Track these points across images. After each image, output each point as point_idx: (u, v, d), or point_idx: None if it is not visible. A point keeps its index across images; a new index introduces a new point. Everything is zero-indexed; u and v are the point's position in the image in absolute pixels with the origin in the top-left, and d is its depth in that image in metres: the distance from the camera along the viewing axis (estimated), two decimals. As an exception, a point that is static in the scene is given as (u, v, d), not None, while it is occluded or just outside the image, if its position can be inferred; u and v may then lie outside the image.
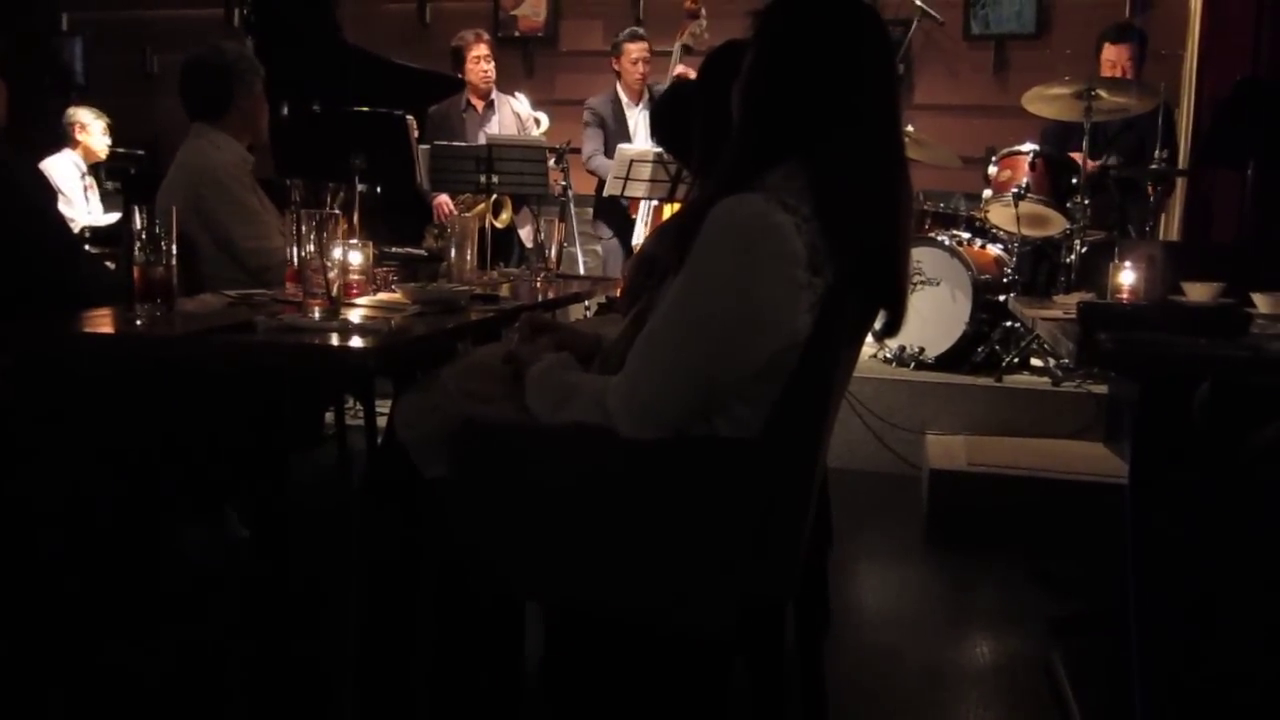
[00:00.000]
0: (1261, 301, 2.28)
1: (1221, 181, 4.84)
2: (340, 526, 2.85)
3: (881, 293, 1.49)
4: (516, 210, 5.15)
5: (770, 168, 1.44)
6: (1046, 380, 4.14)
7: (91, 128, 5.61)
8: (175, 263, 1.83)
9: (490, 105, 5.25)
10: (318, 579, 2.42)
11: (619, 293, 2.56)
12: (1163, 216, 5.19)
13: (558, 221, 3.05)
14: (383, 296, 2.28)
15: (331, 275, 1.86)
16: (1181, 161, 4.91)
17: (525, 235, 5.18)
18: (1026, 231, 4.37)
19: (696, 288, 1.39)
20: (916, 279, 4.23)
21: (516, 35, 6.50)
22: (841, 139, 1.43)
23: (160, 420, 2.11)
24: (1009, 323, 4.26)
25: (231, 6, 6.40)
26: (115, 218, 5.16)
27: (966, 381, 4.14)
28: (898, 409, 4.08)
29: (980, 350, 4.32)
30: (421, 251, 3.18)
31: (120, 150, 5.82)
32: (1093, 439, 3.76)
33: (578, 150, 5.24)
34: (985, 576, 3.04)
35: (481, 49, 5.18)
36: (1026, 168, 4.40)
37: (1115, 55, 4.64)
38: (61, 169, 5.43)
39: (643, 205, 4.85)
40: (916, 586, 3.06)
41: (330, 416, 3.52)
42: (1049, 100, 4.33)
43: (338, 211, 2.17)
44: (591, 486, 1.45)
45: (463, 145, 4.64)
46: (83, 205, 5.51)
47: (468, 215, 4.49)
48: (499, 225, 4.92)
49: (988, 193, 4.57)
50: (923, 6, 5.33)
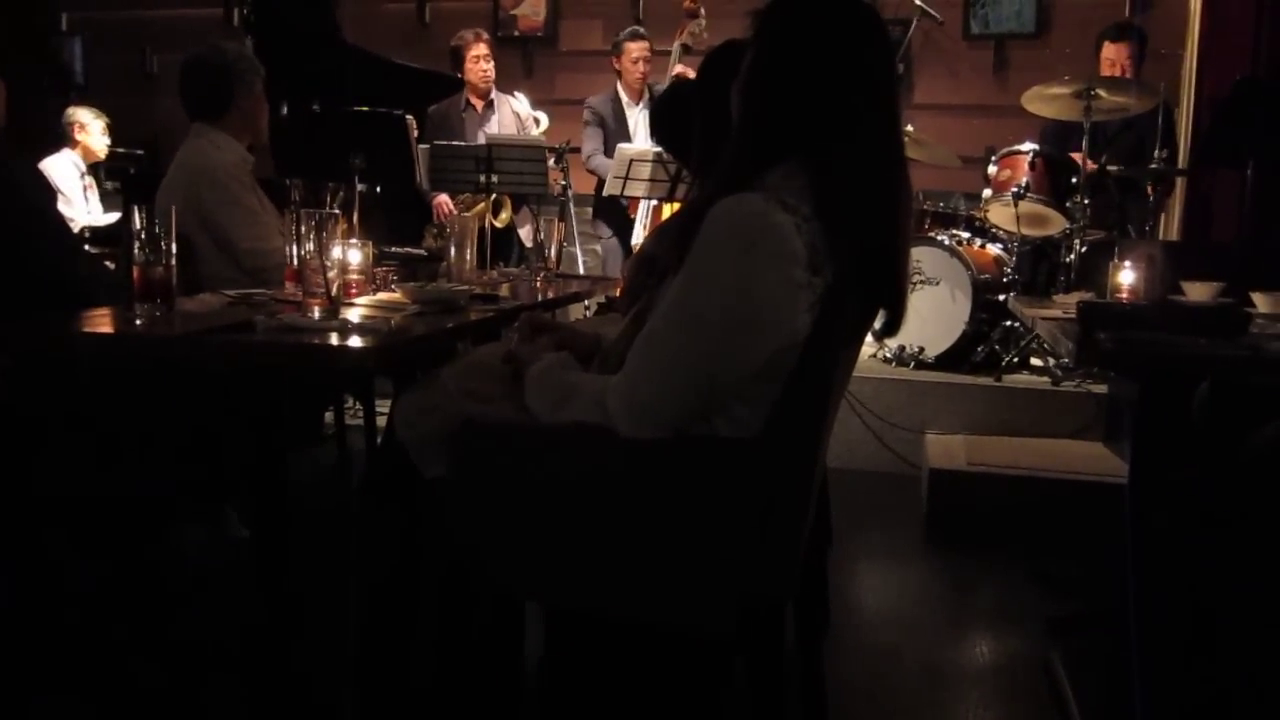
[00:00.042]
0: (1261, 301, 2.28)
1: (1221, 181, 4.84)
2: (340, 526, 2.85)
3: (881, 292, 1.49)
4: (516, 210, 5.15)
5: (770, 167, 1.43)
6: (1046, 380, 4.14)
7: (91, 127, 5.61)
8: (175, 262, 1.83)
9: (490, 105, 5.25)
10: (318, 579, 2.42)
11: (619, 292, 2.56)
12: (1162, 216, 5.19)
13: (557, 221, 3.05)
14: (382, 296, 2.27)
15: (331, 275, 1.86)
16: (1181, 161, 4.91)
17: (525, 235, 5.18)
18: (1026, 231, 4.37)
19: (696, 287, 1.39)
20: (916, 278, 4.23)
21: (516, 35, 6.50)
22: (841, 139, 1.42)
23: (160, 420, 2.11)
24: (1009, 322, 4.27)
25: (231, 6, 6.39)
26: (115, 217, 5.16)
27: (966, 381, 4.14)
28: (897, 408, 4.08)
29: (980, 350, 4.32)
30: (421, 251, 3.18)
31: (120, 150, 5.82)
32: (1093, 439, 3.76)
33: (577, 150, 5.23)
34: (985, 576, 3.04)
35: (481, 49, 5.18)
36: (1026, 167, 4.40)
37: (1115, 53, 4.65)
38: (61, 169, 5.43)
39: (642, 205, 4.85)
40: (916, 586, 3.06)
41: (330, 416, 3.53)
42: (1048, 100, 4.34)
43: (337, 211, 2.17)
44: (591, 486, 1.45)
45: (462, 145, 4.63)
46: (82, 205, 5.51)
47: (467, 215, 4.49)
48: (498, 225, 4.92)
49: (987, 192, 4.57)
50: (922, 6, 5.32)
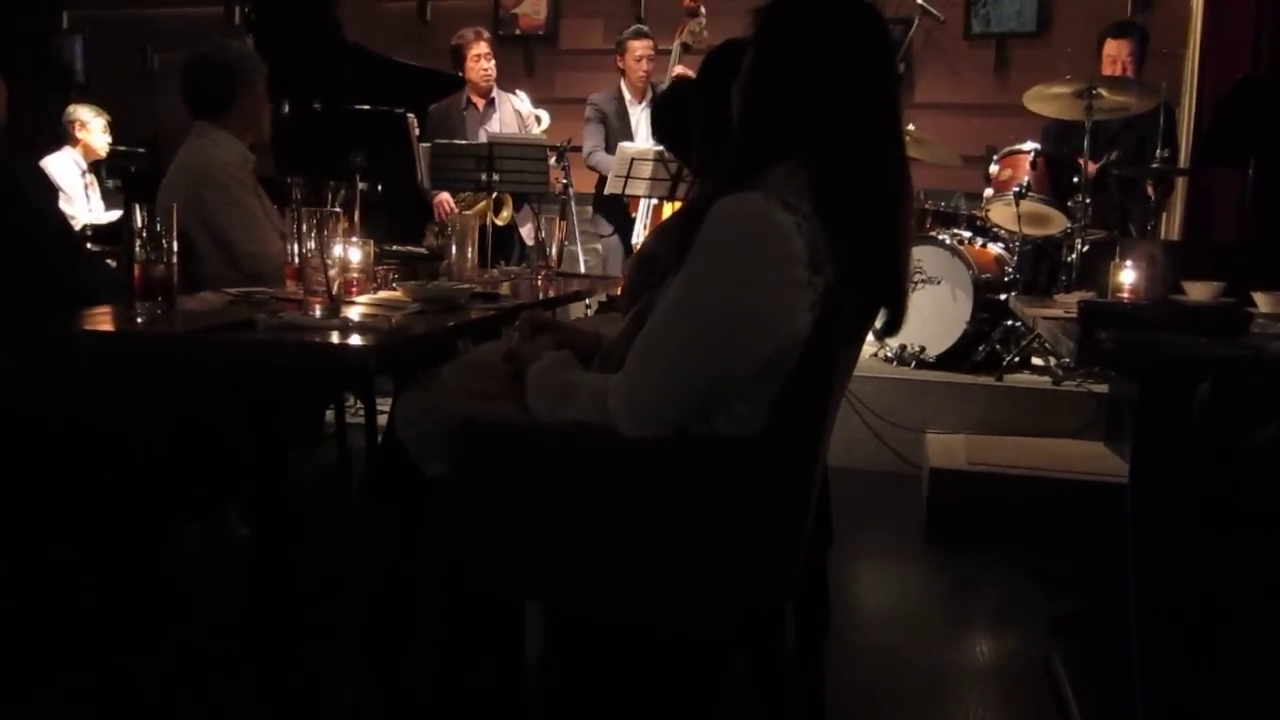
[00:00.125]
0: (1262, 301, 2.27)
1: (1222, 180, 4.84)
2: (340, 525, 2.85)
3: (882, 291, 1.49)
4: (517, 208, 5.15)
5: (770, 166, 1.43)
6: (1047, 379, 4.14)
7: (91, 125, 5.62)
8: (176, 261, 1.83)
9: (491, 103, 5.25)
10: (317, 578, 2.42)
11: (619, 291, 2.56)
12: (1163, 215, 5.18)
13: (558, 220, 3.05)
14: (383, 295, 2.27)
15: (332, 273, 1.86)
16: (1182, 160, 4.91)
17: (526, 233, 5.18)
18: (1027, 230, 4.36)
19: (697, 287, 1.39)
20: (917, 278, 4.23)
21: (517, 33, 6.50)
22: (842, 138, 1.42)
23: (160, 419, 2.11)
24: (1009, 322, 4.26)
25: (232, 4, 6.39)
26: (116, 215, 5.17)
27: (967, 380, 4.14)
28: (898, 408, 4.08)
29: (981, 349, 4.32)
30: (422, 249, 3.19)
31: (121, 148, 5.82)
32: (1093, 438, 3.75)
33: (578, 148, 5.23)
34: (985, 576, 3.04)
35: (482, 47, 5.18)
36: (1027, 166, 4.40)
37: (1116, 51, 4.64)
38: (62, 167, 5.43)
39: (642, 203, 4.85)
40: (916, 586, 3.06)
41: (331, 415, 3.53)
42: (1050, 99, 4.33)
43: (338, 209, 2.16)
44: (591, 485, 1.45)
45: (463, 143, 4.63)
46: (83, 203, 5.51)
47: (468, 213, 4.49)
48: (499, 223, 4.92)
49: (989, 191, 4.57)
50: (923, 5, 5.32)
